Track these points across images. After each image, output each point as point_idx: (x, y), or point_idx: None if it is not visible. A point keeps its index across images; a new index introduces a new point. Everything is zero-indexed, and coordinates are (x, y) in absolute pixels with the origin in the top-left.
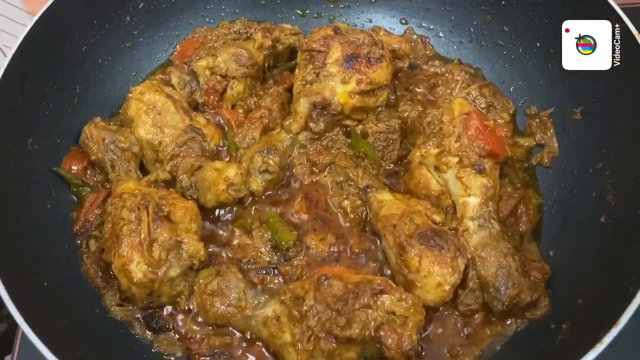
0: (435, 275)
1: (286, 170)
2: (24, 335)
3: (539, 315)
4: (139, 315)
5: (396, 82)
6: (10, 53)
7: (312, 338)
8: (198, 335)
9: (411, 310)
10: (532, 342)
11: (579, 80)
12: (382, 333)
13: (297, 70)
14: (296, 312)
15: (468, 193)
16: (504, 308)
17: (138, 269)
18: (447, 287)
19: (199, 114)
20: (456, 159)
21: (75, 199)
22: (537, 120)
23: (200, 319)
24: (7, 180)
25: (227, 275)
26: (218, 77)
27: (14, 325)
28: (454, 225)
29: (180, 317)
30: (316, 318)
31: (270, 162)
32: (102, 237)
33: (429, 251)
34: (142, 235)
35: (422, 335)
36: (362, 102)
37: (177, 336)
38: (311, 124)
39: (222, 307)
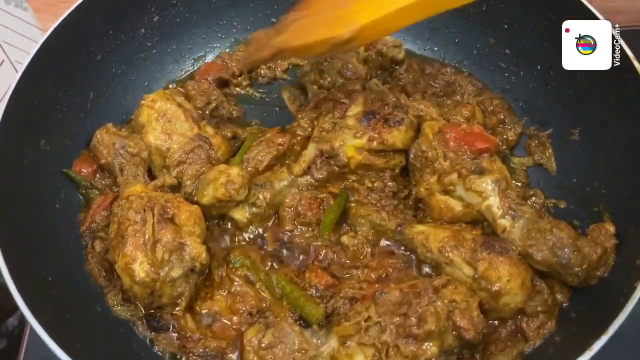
0: (517, 277)
1: (274, 209)
2: (27, 352)
3: (607, 270)
4: (140, 315)
5: None
6: (28, 58)
7: (389, 350)
8: (196, 335)
9: (468, 295)
10: (527, 357)
11: (578, 102)
12: (456, 318)
13: (320, 117)
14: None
15: (484, 197)
16: (581, 278)
17: (141, 268)
18: (528, 284)
19: (207, 125)
20: (455, 175)
21: (83, 200)
22: (536, 140)
23: None
24: (19, 178)
25: (278, 324)
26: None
27: (15, 342)
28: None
29: (180, 316)
30: (387, 331)
31: (260, 196)
32: (107, 238)
33: (500, 257)
34: (147, 236)
35: None
36: (369, 160)
37: (176, 335)
38: (313, 170)
39: (285, 356)
